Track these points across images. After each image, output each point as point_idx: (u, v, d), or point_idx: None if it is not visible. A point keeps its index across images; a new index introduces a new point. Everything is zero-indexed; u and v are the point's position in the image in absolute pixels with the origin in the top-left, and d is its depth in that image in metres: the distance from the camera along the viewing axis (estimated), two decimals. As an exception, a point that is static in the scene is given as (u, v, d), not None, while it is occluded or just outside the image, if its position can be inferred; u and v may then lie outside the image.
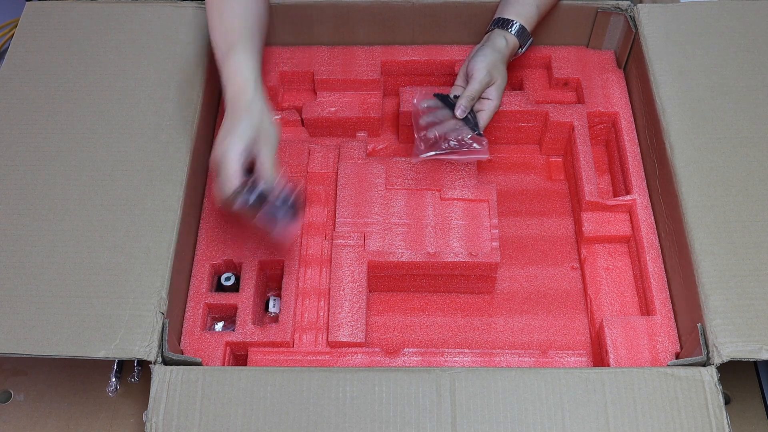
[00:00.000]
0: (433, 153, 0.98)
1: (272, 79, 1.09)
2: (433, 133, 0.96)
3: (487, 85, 0.94)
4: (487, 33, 1.01)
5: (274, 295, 0.96)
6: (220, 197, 0.81)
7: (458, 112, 0.93)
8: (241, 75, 0.83)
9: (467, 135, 0.95)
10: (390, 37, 1.11)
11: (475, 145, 0.96)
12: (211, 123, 1.04)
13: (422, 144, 0.98)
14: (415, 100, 0.99)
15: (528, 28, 0.99)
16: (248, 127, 0.80)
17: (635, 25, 1.04)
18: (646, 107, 1.00)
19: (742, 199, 0.87)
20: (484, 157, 0.98)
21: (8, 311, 0.80)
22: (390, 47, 1.11)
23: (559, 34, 1.11)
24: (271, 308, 0.94)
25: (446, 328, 0.98)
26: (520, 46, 1.00)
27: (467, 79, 0.95)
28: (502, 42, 0.97)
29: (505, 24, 0.98)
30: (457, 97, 0.95)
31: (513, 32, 0.98)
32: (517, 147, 1.13)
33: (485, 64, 0.94)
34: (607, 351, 0.87)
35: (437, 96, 0.97)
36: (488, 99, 0.95)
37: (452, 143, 0.96)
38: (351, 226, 0.97)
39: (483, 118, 0.95)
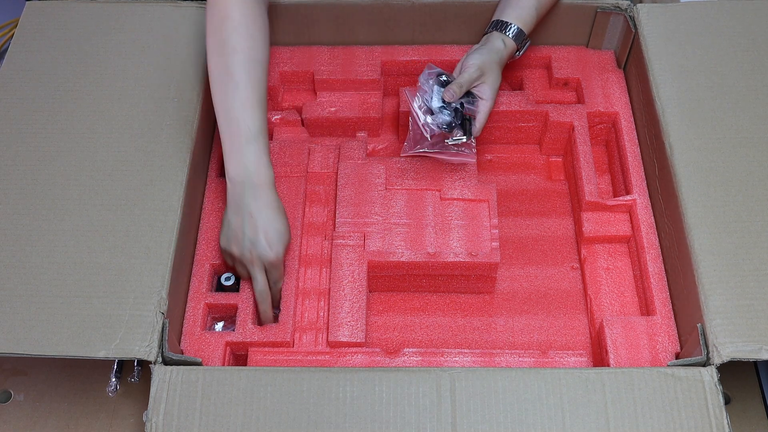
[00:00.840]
0: (422, 150, 0.98)
1: (272, 79, 1.09)
2: (428, 132, 0.96)
3: (477, 81, 0.95)
4: (485, 35, 1.01)
5: (274, 295, 0.96)
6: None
7: (446, 95, 0.93)
8: (264, 168, 0.87)
9: (459, 139, 0.95)
10: (390, 37, 1.11)
11: (464, 149, 0.97)
12: (211, 123, 1.04)
13: (413, 140, 0.98)
14: (420, 77, 0.97)
15: (526, 31, 0.99)
16: (286, 224, 0.89)
17: (635, 25, 1.04)
18: (646, 107, 1.00)
19: (742, 199, 0.87)
20: (471, 161, 1.00)
21: (8, 311, 0.80)
22: (390, 47, 1.11)
23: (558, 34, 1.11)
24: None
25: (446, 328, 0.98)
26: (518, 49, 1.00)
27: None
28: (500, 45, 0.97)
29: (503, 27, 0.98)
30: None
31: (511, 35, 0.98)
32: (517, 147, 1.13)
33: (478, 62, 0.94)
34: (607, 351, 0.87)
35: (440, 75, 0.97)
36: (482, 99, 0.95)
37: (442, 144, 0.97)
38: (351, 226, 0.97)
39: (479, 120, 0.95)
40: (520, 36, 0.98)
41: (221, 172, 1.03)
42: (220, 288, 0.94)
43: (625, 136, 1.03)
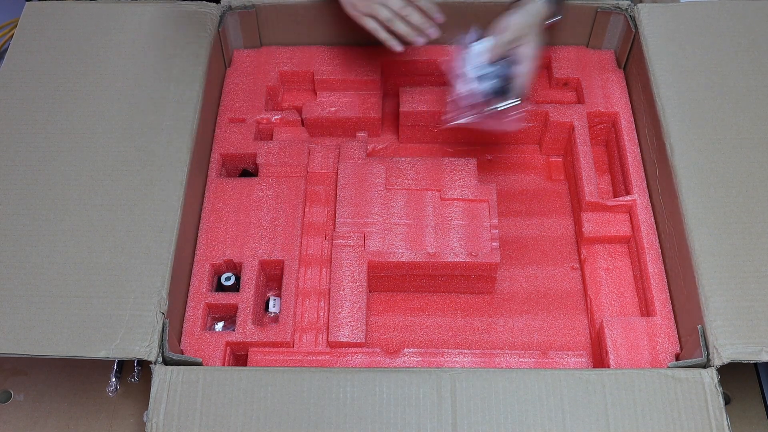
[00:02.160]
0: (466, 119, 0.94)
1: (272, 79, 1.09)
2: (474, 99, 0.91)
3: (520, 41, 0.90)
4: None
5: (274, 295, 0.96)
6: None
7: (493, 55, 0.90)
8: None
9: (510, 102, 0.92)
10: (390, 37, 1.11)
11: (513, 113, 0.93)
12: (211, 123, 1.04)
13: (457, 108, 0.94)
14: (466, 40, 0.93)
15: None
16: None
17: (635, 25, 1.04)
18: (646, 107, 1.00)
19: (742, 200, 0.87)
20: (523, 125, 0.95)
21: (8, 311, 0.80)
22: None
23: (559, 34, 1.10)
24: (271, 308, 0.94)
25: (446, 328, 0.98)
26: (553, 16, 0.95)
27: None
28: (538, 7, 0.92)
29: None
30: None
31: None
32: (517, 147, 1.13)
33: (521, 21, 0.90)
34: (607, 352, 0.87)
35: (482, 37, 0.93)
36: (526, 58, 0.90)
37: (488, 109, 0.92)
38: (351, 226, 0.97)
39: (526, 80, 0.91)
40: (554, 2, 0.93)
41: (221, 172, 1.03)
42: (220, 288, 0.94)
43: (625, 136, 1.03)
